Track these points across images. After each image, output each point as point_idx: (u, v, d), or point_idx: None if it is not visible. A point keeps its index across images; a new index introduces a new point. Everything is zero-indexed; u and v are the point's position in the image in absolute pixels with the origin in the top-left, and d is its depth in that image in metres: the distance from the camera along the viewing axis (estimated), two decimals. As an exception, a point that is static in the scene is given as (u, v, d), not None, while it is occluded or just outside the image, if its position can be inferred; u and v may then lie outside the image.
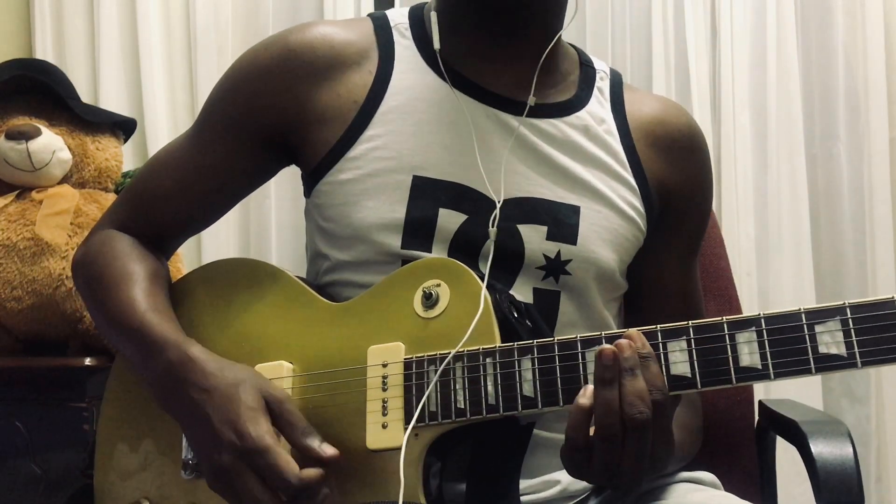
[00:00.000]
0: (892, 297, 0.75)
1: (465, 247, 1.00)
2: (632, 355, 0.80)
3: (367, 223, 1.00)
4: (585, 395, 0.81)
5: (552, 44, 1.06)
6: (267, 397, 0.89)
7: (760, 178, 2.29)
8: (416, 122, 1.03)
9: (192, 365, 0.92)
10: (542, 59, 1.05)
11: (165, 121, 2.28)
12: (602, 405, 0.79)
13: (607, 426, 0.79)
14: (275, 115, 1.05)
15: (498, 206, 1.00)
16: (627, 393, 0.79)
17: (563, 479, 1.01)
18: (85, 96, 2.08)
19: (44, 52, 2.28)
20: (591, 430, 0.81)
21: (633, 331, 0.82)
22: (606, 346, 0.81)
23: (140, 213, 1.10)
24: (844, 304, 0.77)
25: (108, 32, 2.28)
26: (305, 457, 0.87)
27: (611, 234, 1.04)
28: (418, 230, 1.00)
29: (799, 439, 1.13)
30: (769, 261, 2.27)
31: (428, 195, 1.00)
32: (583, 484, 1.01)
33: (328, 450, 0.87)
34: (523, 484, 0.99)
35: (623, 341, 0.81)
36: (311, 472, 0.85)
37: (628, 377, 0.79)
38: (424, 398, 0.88)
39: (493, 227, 0.99)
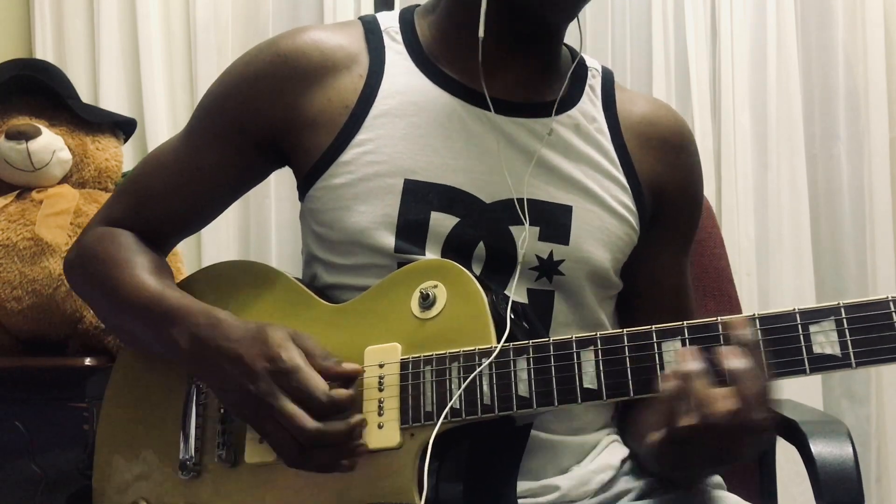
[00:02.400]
0: (887, 298, 0.75)
1: (457, 249, 1.00)
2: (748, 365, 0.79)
3: (361, 227, 1.00)
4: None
5: (574, 63, 1.09)
6: (292, 334, 0.92)
7: (760, 178, 2.29)
8: (407, 126, 1.02)
9: (220, 324, 0.94)
10: (544, 62, 1.07)
11: (165, 121, 2.27)
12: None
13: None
14: (266, 121, 1.05)
15: (523, 203, 1.00)
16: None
17: (562, 485, 1.01)
18: (85, 96, 2.08)
19: (44, 52, 2.28)
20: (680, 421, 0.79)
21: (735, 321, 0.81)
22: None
23: (134, 212, 1.11)
24: (839, 304, 0.77)
25: (108, 32, 2.27)
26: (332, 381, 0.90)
27: (603, 234, 1.04)
28: (411, 233, 1.00)
29: (799, 439, 1.13)
30: (769, 261, 2.27)
31: (420, 198, 1.00)
32: (582, 490, 1.02)
33: (349, 366, 0.90)
34: (522, 487, 0.98)
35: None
36: (340, 391, 0.88)
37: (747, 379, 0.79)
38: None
39: (526, 223, 1.00)
